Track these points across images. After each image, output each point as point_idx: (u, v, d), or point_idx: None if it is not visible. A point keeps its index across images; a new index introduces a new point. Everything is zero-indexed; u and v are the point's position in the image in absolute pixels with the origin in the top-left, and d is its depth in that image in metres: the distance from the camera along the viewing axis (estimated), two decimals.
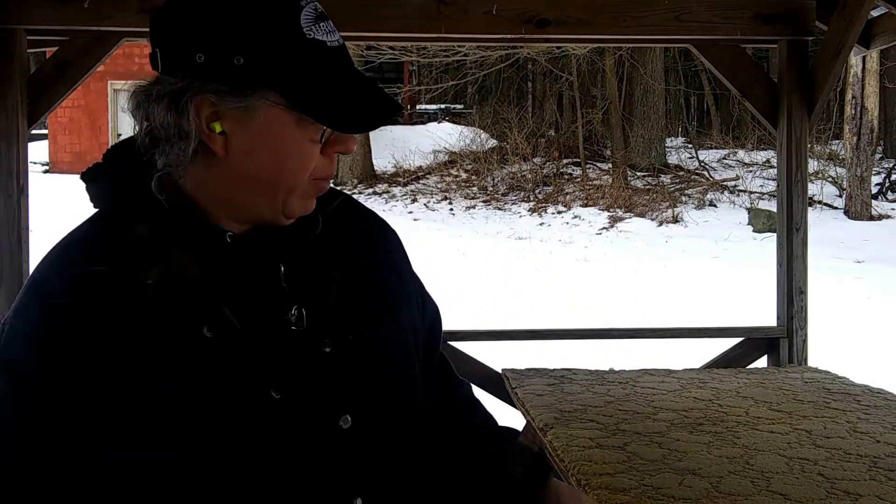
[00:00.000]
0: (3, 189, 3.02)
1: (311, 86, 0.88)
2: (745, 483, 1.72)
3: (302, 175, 0.92)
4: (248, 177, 0.91)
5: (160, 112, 0.89)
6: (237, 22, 0.87)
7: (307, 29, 0.88)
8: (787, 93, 3.26)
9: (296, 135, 0.90)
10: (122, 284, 0.86)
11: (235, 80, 0.87)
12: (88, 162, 1.26)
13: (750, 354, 3.38)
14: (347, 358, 0.95)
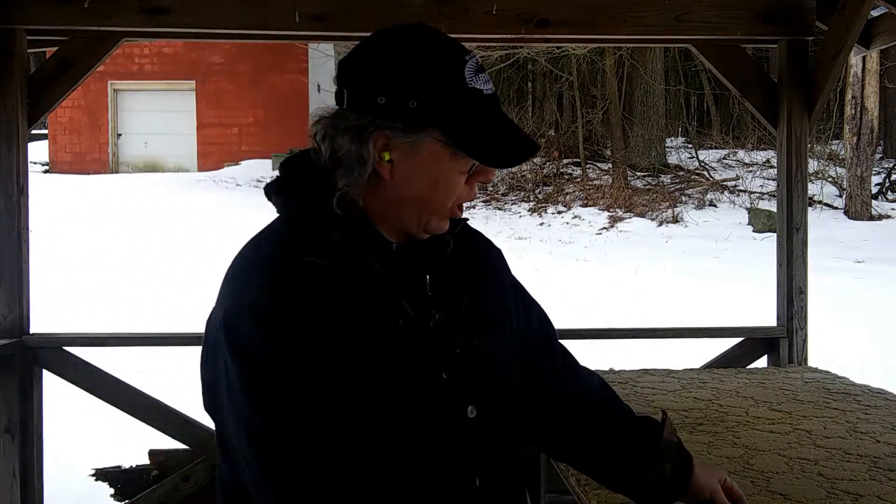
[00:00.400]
0: (4, 189, 3.02)
1: (468, 127, 1.07)
2: (745, 483, 1.72)
3: (448, 199, 1.11)
4: (405, 198, 1.10)
5: (345, 142, 1.07)
6: (414, 72, 1.06)
7: (469, 79, 1.07)
8: (787, 93, 3.26)
9: (450, 166, 1.09)
10: (330, 273, 1.04)
11: (409, 119, 1.06)
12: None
13: (750, 354, 3.38)
14: (473, 360, 1.13)
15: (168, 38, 3.35)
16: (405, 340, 1.07)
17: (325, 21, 3.07)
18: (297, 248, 1.05)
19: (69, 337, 3.30)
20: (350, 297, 1.04)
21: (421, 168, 1.08)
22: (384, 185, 1.09)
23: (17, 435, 3.04)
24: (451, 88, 1.06)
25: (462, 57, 1.08)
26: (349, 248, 1.07)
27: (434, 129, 1.06)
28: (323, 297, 1.02)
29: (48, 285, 8.43)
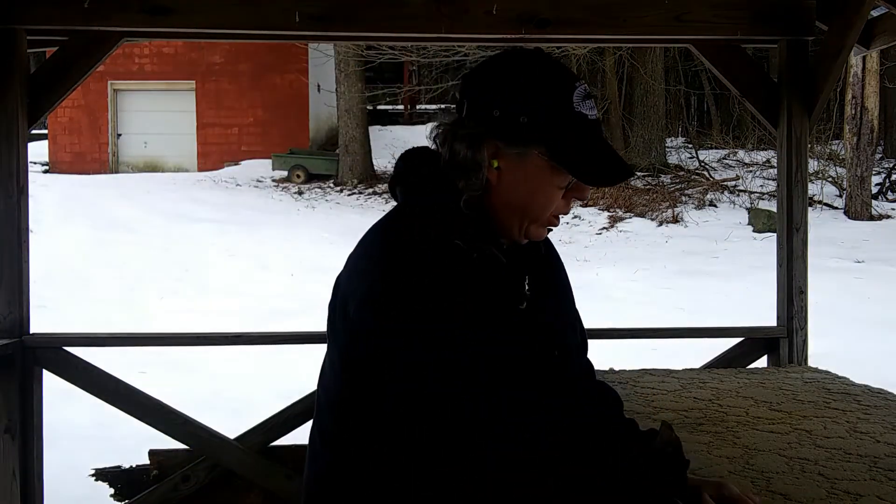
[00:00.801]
0: (4, 189, 3.02)
1: (569, 146, 1.19)
2: (745, 483, 1.72)
3: (546, 210, 1.24)
4: (508, 203, 1.24)
5: (462, 147, 1.21)
6: (528, 92, 1.20)
7: (576, 104, 1.20)
8: (787, 93, 3.26)
9: (550, 180, 1.22)
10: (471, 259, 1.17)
11: (518, 133, 1.20)
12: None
13: (750, 354, 3.38)
14: (562, 353, 1.29)
15: (168, 38, 3.35)
16: (528, 322, 1.23)
17: (325, 21, 3.07)
18: (444, 233, 1.17)
19: (69, 337, 3.30)
20: (487, 280, 1.18)
21: (525, 178, 1.22)
22: (492, 190, 1.23)
23: (17, 435, 3.04)
24: (559, 110, 1.19)
25: (572, 83, 1.21)
26: (479, 240, 1.20)
27: (539, 145, 1.20)
28: (468, 277, 1.15)
29: (48, 285, 8.43)
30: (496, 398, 1.12)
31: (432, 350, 1.10)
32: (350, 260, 1.23)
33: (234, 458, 3.20)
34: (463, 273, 1.15)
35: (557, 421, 1.17)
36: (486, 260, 1.19)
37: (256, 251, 11.34)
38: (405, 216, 1.24)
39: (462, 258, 1.16)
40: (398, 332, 1.11)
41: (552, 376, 1.24)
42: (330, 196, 15.64)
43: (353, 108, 16.52)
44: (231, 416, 4.47)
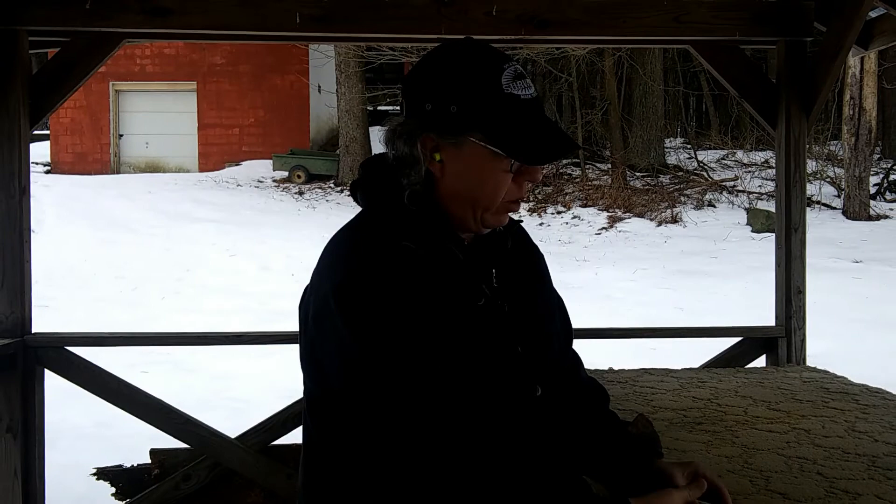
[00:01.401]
0: (6, 189, 3.03)
1: (503, 128, 1.18)
2: (744, 482, 1.73)
3: (496, 196, 1.22)
4: (457, 194, 1.23)
5: (401, 145, 1.22)
6: (455, 81, 1.19)
7: (505, 86, 1.18)
8: (785, 93, 3.27)
9: (492, 165, 1.20)
10: (421, 258, 1.17)
11: (451, 123, 1.19)
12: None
13: (748, 354, 3.39)
14: (537, 346, 1.28)
15: (169, 38, 3.36)
16: (486, 319, 1.21)
17: (325, 22, 3.08)
18: (392, 235, 1.18)
19: (71, 336, 3.31)
20: (439, 279, 1.17)
21: (467, 167, 1.21)
22: (438, 183, 1.23)
23: (19, 434, 3.05)
24: (488, 94, 1.18)
25: (500, 65, 1.19)
26: (432, 237, 1.20)
27: (473, 131, 1.19)
28: (417, 278, 1.15)
29: (50, 285, 8.44)
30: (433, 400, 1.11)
31: (373, 351, 1.11)
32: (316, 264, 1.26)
33: (235, 457, 3.20)
34: (411, 273, 1.14)
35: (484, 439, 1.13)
36: (437, 258, 1.18)
37: (257, 251, 11.34)
38: (361, 220, 1.25)
39: (411, 258, 1.16)
40: (343, 332, 1.13)
41: (514, 371, 1.22)
42: (330, 196, 15.65)
43: (353, 109, 16.53)
44: (231, 415, 4.48)
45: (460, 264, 1.21)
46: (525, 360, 1.24)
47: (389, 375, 1.11)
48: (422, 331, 1.12)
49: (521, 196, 1.25)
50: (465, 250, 1.23)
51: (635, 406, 2.39)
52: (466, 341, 1.16)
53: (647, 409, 2.36)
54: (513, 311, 1.26)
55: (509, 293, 1.27)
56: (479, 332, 1.19)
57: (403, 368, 1.11)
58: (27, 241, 3.08)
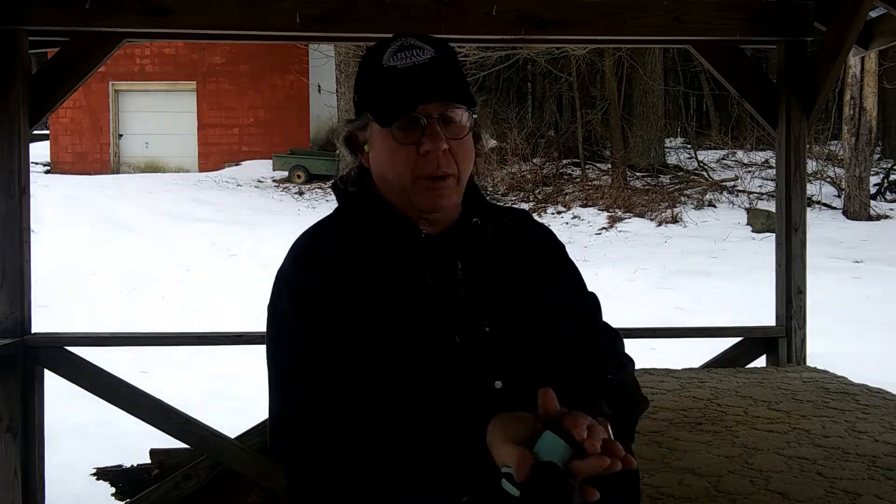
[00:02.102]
0: (5, 189, 3.03)
1: (380, 100, 1.18)
2: (744, 482, 1.73)
3: (404, 172, 1.18)
4: (382, 180, 1.23)
5: (343, 145, 1.28)
6: (358, 70, 1.25)
7: (385, 60, 1.18)
8: (785, 93, 3.27)
9: (388, 142, 1.19)
10: (363, 249, 1.19)
11: (357, 110, 1.24)
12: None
13: (749, 354, 3.39)
14: (502, 338, 1.21)
15: (169, 38, 3.36)
16: (423, 308, 1.17)
17: (325, 22, 3.08)
18: (337, 227, 1.23)
19: (70, 337, 3.31)
20: (377, 269, 1.18)
21: (378, 150, 1.21)
22: (372, 174, 1.24)
23: (19, 434, 3.05)
24: (371, 73, 1.20)
25: (388, 44, 1.19)
26: (379, 231, 1.21)
27: (367, 113, 1.21)
28: (352, 268, 1.17)
29: (50, 285, 8.44)
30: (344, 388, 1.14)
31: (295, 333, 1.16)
32: None
33: (235, 457, 3.20)
34: (347, 262, 1.17)
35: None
36: (380, 250, 1.19)
37: (257, 251, 11.34)
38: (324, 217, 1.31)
39: (351, 249, 1.19)
40: (277, 313, 1.19)
41: (452, 361, 1.17)
42: (330, 196, 15.64)
43: (353, 109, 16.51)
44: (231, 415, 4.48)
45: (402, 256, 1.19)
46: (481, 353, 1.18)
47: (307, 357, 1.15)
48: (348, 317, 1.14)
49: (431, 171, 1.18)
50: (420, 245, 1.21)
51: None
52: (394, 331, 1.15)
53: (648, 409, 2.36)
54: (477, 299, 1.21)
55: (478, 285, 1.22)
56: (411, 324, 1.16)
57: (321, 351, 1.14)
58: (27, 241, 3.08)
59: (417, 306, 1.18)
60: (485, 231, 1.26)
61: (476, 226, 1.26)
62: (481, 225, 1.26)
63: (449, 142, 1.18)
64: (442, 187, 1.19)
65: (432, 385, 1.15)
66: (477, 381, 1.17)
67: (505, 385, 1.19)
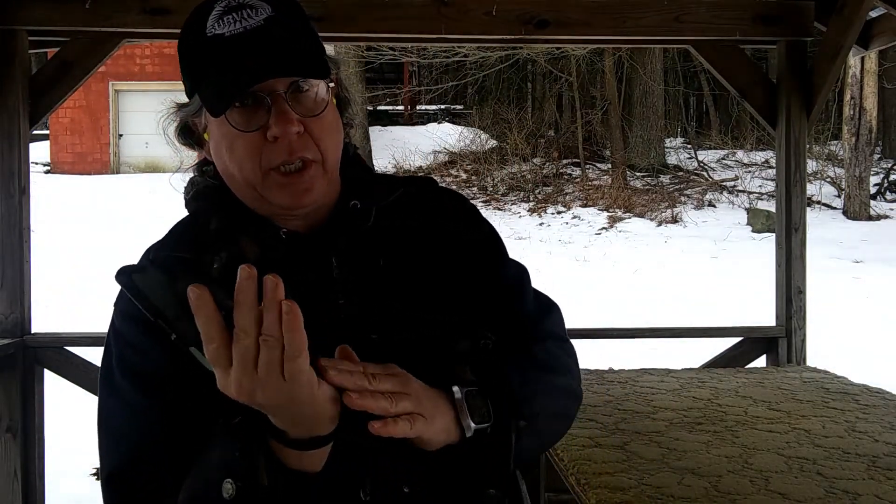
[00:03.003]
0: (5, 189, 3.03)
1: (207, 79, 0.92)
2: (744, 482, 1.73)
3: (251, 165, 0.94)
4: (225, 174, 0.98)
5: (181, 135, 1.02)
6: (179, 42, 0.96)
7: (210, 27, 0.92)
8: (785, 93, 3.27)
9: (224, 129, 0.94)
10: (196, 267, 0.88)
11: (188, 93, 0.98)
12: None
13: (749, 354, 3.39)
14: (392, 347, 0.96)
15: (169, 38, 3.35)
16: None
17: (325, 22, 3.08)
18: (176, 244, 1.01)
19: (70, 337, 3.31)
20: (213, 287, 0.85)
21: (216, 141, 0.96)
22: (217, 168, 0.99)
23: (19, 434, 3.05)
24: (193, 44, 0.93)
25: (211, 6, 0.93)
26: (228, 239, 0.97)
27: (196, 95, 0.95)
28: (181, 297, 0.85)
29: (50, 285, 8.44)
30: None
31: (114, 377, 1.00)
32: None
33: None
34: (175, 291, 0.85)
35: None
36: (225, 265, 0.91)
37: None
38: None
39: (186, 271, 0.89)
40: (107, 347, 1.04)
41: None
42: None
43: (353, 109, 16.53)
44: None
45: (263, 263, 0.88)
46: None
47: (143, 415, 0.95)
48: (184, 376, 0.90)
49: (283, 159, 0.93)
50: (281, 248, 0.98)
51: (635, 406, 2.39)
52: None
53: (648, 408, 2.36)
54: (359, 304, 0.98)
55: (359, 285, 0.98)
56: None
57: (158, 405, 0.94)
58: (27, 241, 3.08)
59: None
60: (366, 215, 1.02)
61: (354, 209, 1.02)
62: (361, 208, 1.02)
63: (304, 121, 0.93)
64: (302, 179, 0.95)
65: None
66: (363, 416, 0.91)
67: None
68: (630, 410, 2.34)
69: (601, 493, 1.67)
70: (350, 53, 15.58)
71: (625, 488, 1.69)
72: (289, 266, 0.92)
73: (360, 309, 0.98)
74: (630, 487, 1.69)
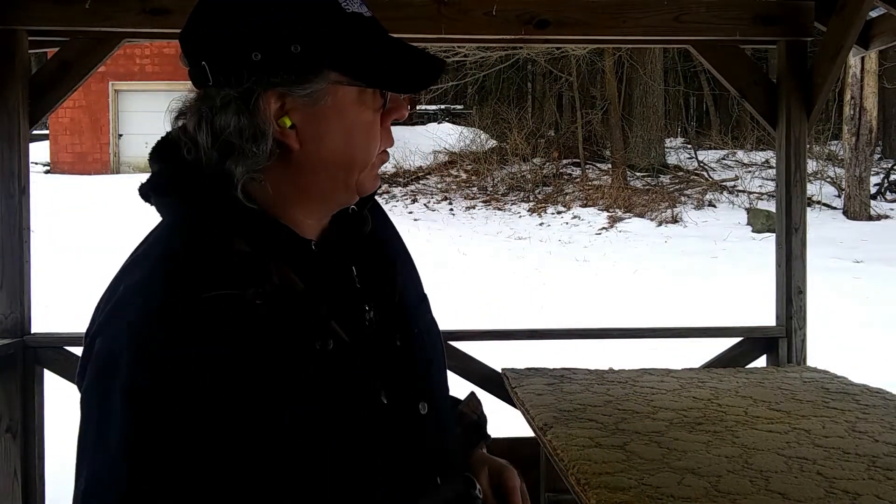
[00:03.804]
0: (5, 189, 3.03)
1: (365, 56, 0.90)
2: (744, 482, 1.73)
3: (372, 147, 0.94)
4: (323, 162, 0.92)
5: (230, 118, 0.87)
6: (282, 12, 0.87)
7: (345, 4, 0.90)
8: (786, 93, 3.27)
9: (360, 109, 0.92)
10: (237, 303, 0.83)
11: (298, 67, 0.87)
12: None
13: (749, 354, 3.39)
14: (414, 349, 1.00)
15: (169, 38, 3.35)
16: (337, 366, 0.88)
17: None
18: (192, 274, 0.85)
19: (71, 337, 3.31)
20: (265, 326, 0.84)
21: (328, 122, 0.90)
22: (293, 157, 0.90)
23: (19, 434, 3.05)
24: (332, 19, 0.88)
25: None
26: (259, 260, 0.88)
27: (329, 71, 0.89)
28: (230, 334, 0.82)
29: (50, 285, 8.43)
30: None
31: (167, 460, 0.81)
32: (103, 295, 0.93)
33: None
34: (222, 330, 0.82)
35: None
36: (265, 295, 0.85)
37: None
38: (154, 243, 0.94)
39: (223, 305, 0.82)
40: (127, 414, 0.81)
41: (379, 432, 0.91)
42: None
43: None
44: None
45: (298, 297, 0.88)
46: (401, 375, 0.96)
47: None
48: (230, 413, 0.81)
49: (391, 143, 0.97)
50: (311, 265, 0.92)
51: (635, 406, 2.39)
52: (303, 410, 0.84)
53: (648, 409, 2.36)
54: (384, 311, 0.98)
55: (377, 291, 0.99)
56: (324, 389, 0.87)
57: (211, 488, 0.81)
58: (27, 241, 3.08)
59: (331, 365, 0.88)
60: (364, 219, 1.02)
61: (354, 214, 1.01)
62: (358, 212, 1.01)
63: None
64: (385, 160, 0.99)
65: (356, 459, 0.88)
66: (405, 412, 0.95)
67: (430, 406, 0.98)
68: (630, 410, 2.34)
69: (601, 493, 1.66)
70: None
71: (625, 488, 1.68)
72: (321, 281, 0.92)
73: (383, 314, 0.98)
74: (630, 487, 1.69)
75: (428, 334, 1.05)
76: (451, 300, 7.79)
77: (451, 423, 1.10)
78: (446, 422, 1.06)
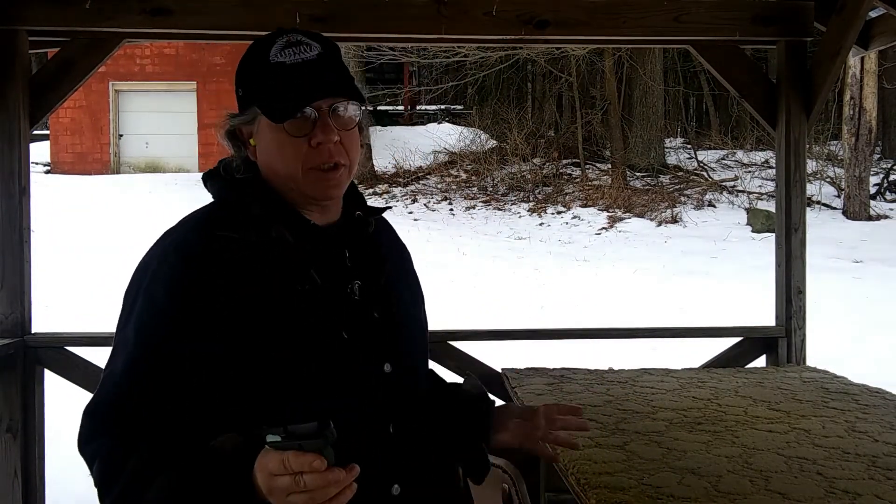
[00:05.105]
0: (5, 189, 3.03)
1: (268, 95, 1.23)
2: (744, 482, 1.73)
3: (295, 164, 1.23)
4: (272, 172, 1.27)
5: (227, 140, 1.32)
6: (242, 65, 1.30)
7: (272, 56, 1.23)
8: (785, 93, 3.27)
9: (276, 135, 1.24)
10: (243, 245, 1.20)
11: (242, 104, 1.29)
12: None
13: (748, 354, 3.39)
14: (389, 324, 1.29)
15: (169, 38, 3.35)
16: (309, 304, 1.20)
17: (326, 22, 3.08)
18: (213, 223, 1.23)
19: (71, 337, 3.31)
20: (260, 265, 1.20)
21: (267, 142, 1.26)
22: (260, 167, 1.29)
23: (19, 434, 3.05)
24: (258, 68, 1.25)
25: (273, 39, 1.25)
26: (265, 221, 1.23)
27: (254, 107, 1.25)
28: (231, 265, 1.18)
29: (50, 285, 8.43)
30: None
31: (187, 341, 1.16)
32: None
33: None
34: (224, 261, 1.18)
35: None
36: (262, 245, 1.21)
37: None
38: (197, 212, 1.30)
39: (227, 246, 1.19)
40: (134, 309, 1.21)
41: (343, 347, 1.22)
42: None
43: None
44: None
45: (289, 249, 1.22)
46: (371, 340, 1.25)
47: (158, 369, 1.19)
48: (222, 316, 1.16)
49: (323, 160, 1.24)
50: (308, 235, 1.25)
51: (635, 406, 2.40)
52: (277, 325, 1.18)
53: (647, 408, 2.36)
54: (368, 289, 1.28)
55: (365, 273, 1.29)
56: (294, 317, 1.19)
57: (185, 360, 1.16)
58: (27, 241, 3.08)
59: (306, 302, 1.21)
60: (368, 223, 1.35)
61: (360, 218, 1.34)
62: (364, 217, 1.35)
63: (339, 133, 1.24)
64: (333, 177, 1.25)
65: (320, 379, 1.19)
66: (366, 367, 1.25)
67: (393, 367, 1.27)
68: (630, 410, 2.34)
69: (601, 493, 1.67)
70: (350, 53, 15.57)
71: (625, 488, 1.69)
72: (312, 252, 1.24)
73: (366, 291, 1.28)
74: (630, 487, 1.69)
75: (411, 325, 1.37)
76: (451, 300, 7.79)
77: (412, 385, 1.34)
78: (410, 388, 1.32)
